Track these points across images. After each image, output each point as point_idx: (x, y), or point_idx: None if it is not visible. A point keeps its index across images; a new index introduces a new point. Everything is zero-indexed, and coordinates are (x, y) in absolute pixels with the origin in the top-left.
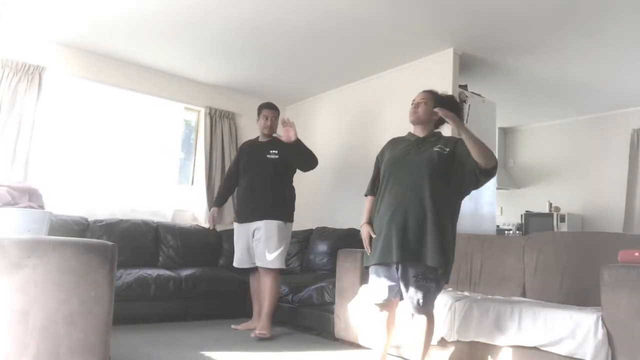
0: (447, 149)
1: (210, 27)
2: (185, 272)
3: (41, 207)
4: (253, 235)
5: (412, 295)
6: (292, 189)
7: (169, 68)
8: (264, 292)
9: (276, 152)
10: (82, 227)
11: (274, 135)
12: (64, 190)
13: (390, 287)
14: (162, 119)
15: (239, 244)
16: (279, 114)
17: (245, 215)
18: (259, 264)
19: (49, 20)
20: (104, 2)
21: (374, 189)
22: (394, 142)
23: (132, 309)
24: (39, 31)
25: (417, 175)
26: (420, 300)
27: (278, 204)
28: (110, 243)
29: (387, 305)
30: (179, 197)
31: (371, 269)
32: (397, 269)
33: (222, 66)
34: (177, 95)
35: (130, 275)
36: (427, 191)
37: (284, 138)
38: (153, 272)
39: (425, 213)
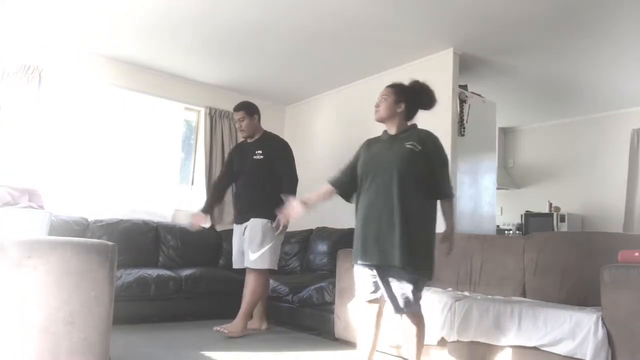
0: (420, 147)
1: (210, 27)
2: (185, 272)
3: (41, 207)
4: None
5: (392, 295)
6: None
7: (169, 68)
8: (245, 292)
9: (261, 152)
10: (82, 227)
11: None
12: (64, 190)
13: (375, 283)
14: (162, 119)
15: (234, 244)
16: (250, 112)
17: (237, 216)
18: (245, 264)
19: (49, 21)
20: (105, 3)
21: (336, 182)
22: (369, 143)
23: (132, 309)
24: (39, 31)
25: (387, 175)
26: (400, 301)
27: (264, 202)
28: (110, 243)
29: (376, 300)
30: (179, 197)
31: (355, 267)
32: (374, 270)
33: (222, 66)
34: (177, 95)
35: (130, 275)
36: (395, 191)
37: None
38: (153, 272)
39: (393, 214)
